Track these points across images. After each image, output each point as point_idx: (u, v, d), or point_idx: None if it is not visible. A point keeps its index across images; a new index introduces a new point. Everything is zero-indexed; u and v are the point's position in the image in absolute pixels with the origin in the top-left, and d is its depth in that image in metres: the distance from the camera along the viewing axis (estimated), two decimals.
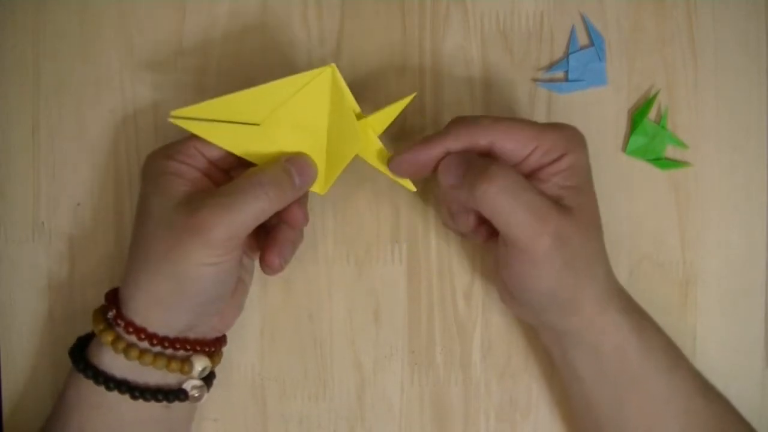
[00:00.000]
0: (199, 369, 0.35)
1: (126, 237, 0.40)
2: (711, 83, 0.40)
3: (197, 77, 0.41)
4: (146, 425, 0.35)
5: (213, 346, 0.36)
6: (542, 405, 0.41)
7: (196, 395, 0.36)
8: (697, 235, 0.41)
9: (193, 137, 0.35)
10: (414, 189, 0.37)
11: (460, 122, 0.35)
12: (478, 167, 0.33)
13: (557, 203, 0.33)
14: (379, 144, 0.36)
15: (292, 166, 0.35)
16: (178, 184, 0.34)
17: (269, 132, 0.35)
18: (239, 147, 0.35)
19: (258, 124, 0.35)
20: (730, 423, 0.36)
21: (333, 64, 0.35)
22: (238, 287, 0.37)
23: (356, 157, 0.36)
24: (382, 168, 0.36)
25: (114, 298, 0.35)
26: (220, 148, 0.35)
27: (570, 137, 0.35)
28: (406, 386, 0.41)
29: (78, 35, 0.41)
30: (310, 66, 0.40)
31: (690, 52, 0.40)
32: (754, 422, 0.38)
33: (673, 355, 0.36)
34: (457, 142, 0.34)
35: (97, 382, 0.34)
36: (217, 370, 0.40)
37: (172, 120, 0.34)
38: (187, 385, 0.35)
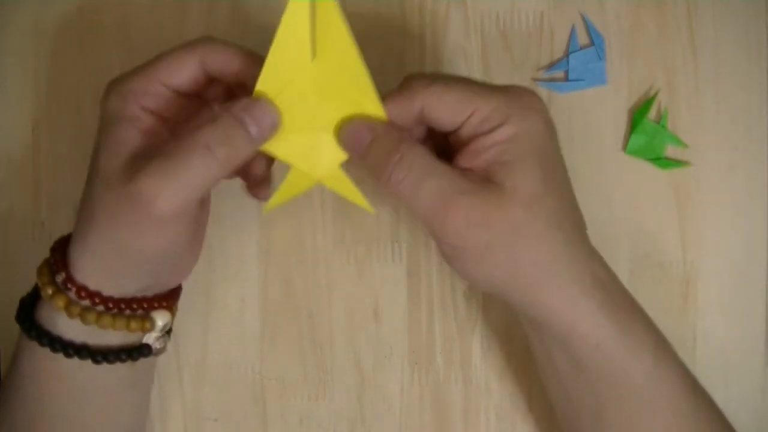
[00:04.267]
0: (161, 324, 0.33)
1: None
2: (711, 83, 0.40)
3: None
4: (111, 386, 0.33)
5: (171, 299, 0.34)
6: (542, 405, 0.41)
7: (160, 347, 0.34)
8: (697, 235, 0.41)
9: (150, 68, 0.30)
10: (372, 211, 0.33)
11: (398, 87, 0.31)
12: (381, 146, 0.30)
13: (483, 182, 0.29)
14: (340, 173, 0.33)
15: (246, 114, 0.30)
16: (129, 137, 0.30)
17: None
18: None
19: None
20: (716, 424, 0.34)
21: None
22: (194, 239, 0.33)
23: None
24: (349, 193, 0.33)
25: (62, 256, 0.32)
26: (187, 72, 0.31)
27: (514, 102, 0.30)
28: (406, 386, 0.41)
29: (78, 35, 0.41)
30: None
31: (690, 52, 0.40)
32: (755, 422, 0.38)
33: (662, 353, 0.33)
34: (393, 110, 0.31)
35: (54, 349, 0.31)
36: (217, 370, 0.41)
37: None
38: (149, 339, 0.33)
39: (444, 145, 0.33)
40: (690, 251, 0.41)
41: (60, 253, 0.32)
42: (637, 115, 0.40)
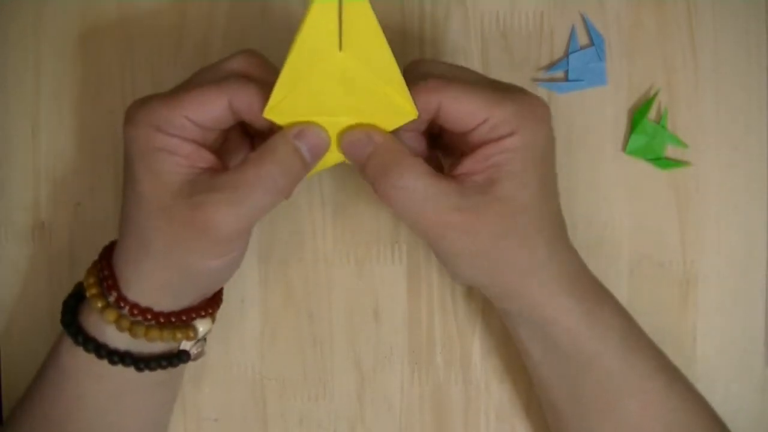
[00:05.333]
0: (202, 331, 0.34)
1: None
2: (711, 83, 0.40)
3: None
4: (146, 386, 0.34)
5: (214, 306, 0.35)
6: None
7: (197, 351, 0.35)
8: (697, 235, 0.41)
9: (175, 102, 0.30)
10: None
11: (414, 79, 0.31)
12: (380, 161, 0.31)
13: (476, 192, 0.31)
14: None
15: (302, 144, 0.31)
16: (172, 165, 0.30)
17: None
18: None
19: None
20: (690, 402, 0.35)
21: None
22: (245, 249, 0.34)
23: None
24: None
25: (110, 271, 0.33)
26: (213, 111, 0.31)
27: (526, 112, 0.31)
28: (406, 386, 0.41)
29: (78, 35, 0.41)
30: None
31: (690, 52, 0.40)
32: (755, 422, 0.38)
33: (631, 336, 0.35)
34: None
35: (99, 356, 0.32)
36: (217, 370, 0.41)
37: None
38: (187, 346, 0.35)
39: (437, 133, 0.35)
40: (690, 251, 0.41)
41: (109, 270, 0.33)
42: (637, 115, 0.40)
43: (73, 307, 0.34)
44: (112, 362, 0.32)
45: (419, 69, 0.33)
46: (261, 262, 0.41)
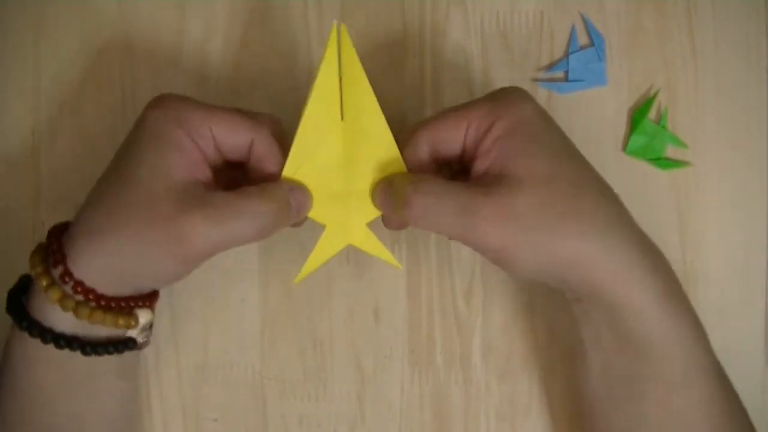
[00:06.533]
0: (143, 322, 0.34)
1: None
2: (711, 83, 0.40)
3: (197, 77, 0.41)
4: (98, 374, 0.34)
5: (153, 300, 0.35)
6: (542, 405, 0.41)
7: (143, 341, 0.35)
8: (697, 235, 0.41)
9: (209, 113, 0.32)
10: (399, 266, 0.37)
11: (404, 138, 0.34)
12: (393, 190, 0.33)
13: (498, 180, 0.31)
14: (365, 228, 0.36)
15: (294, 198, 0.33)
16: (179, 163, 0.31)
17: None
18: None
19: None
20: (737, 413, 0.34)
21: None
22: None
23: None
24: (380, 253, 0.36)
25: (59, 246, 0.32)
26: (236, 139, 0.33)
27: (500, 100, 0.32)
28: (406, 386, 0.41)
29: (78, 35, 0.41)
30: (310, 66, 0.40)
31: (690, 52, 0.40)
32: (755, 422, 0.38)
33: (697, 330, 0.34)
34: (408, 157, 0.34)
35: (45, 340, 0.32)
36: (217, 370, 0.41)
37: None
38: (133, 333, 0.34)
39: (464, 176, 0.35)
40: (690, 251, 0.41)
41: (57, 244, 0.33)
42: (637, 115, 0.40)
43: (18, 295, 0.34)
44: (59, 346, 0.32)
45: (408, 131, 0.34)
46: (261, 262, 0.41)
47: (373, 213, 0.35)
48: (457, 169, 0.36)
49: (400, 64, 0.41)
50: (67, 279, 0.32)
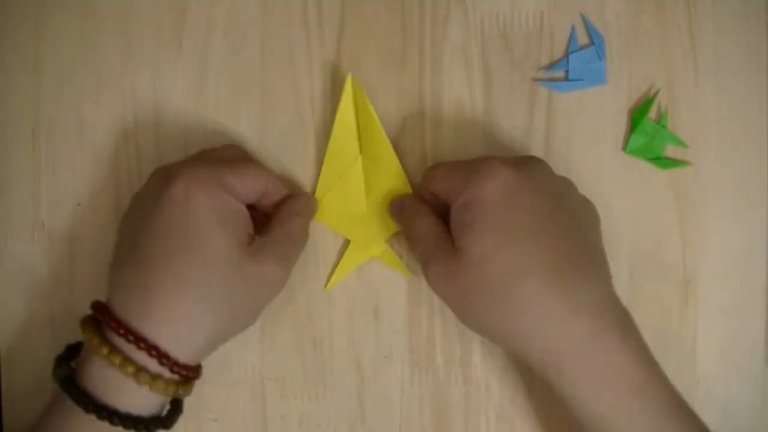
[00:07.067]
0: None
1: None
2: (711, 83, 0.40)
3: (197, 77, 0.41)
4: None
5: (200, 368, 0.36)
6: (542, 405, 0.41)
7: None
8: (697, 235, 0.41)
9: (243, 172, 0.35)
10: (412, 276, 0.41)
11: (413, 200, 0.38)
12: (405, 216, 0.38)
13: (453, 242, 0.34)
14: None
15: (306, 199, 0.39)
16: (242, 225, 0.35)
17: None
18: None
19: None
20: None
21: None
22: None
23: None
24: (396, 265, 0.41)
25: (119, 323, 0.32)
26: (261, 186, 0.37)
27: (473, 171, 0.33)
28: (406, 386, 0.41)
29: (78, 35, 0.41)
30: (310, 66, 0.41)
31: (690, 52, 0.40)
32: (755, 422, 0.38)
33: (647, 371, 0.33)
34: (420, 195, 0.38)
35: (100, 417, 0.32)
36: (217, 369, 0.41)
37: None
38: (166, 410, 0.35)
39: None
40: (690, 251, 0.41)
41: (115, 320, 0.32)
42: (637, 115, 0.40)
43: (65, 364, 0.34)
44: (113, 423, 0.32)
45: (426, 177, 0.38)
46: None
47: (391, 230, 0.40)
48: None
49: (400, 63, 0.41)
50: (153, 352, 0.32)
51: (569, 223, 0.33)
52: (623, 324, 0.33)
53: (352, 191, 0.40)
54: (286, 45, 0.41)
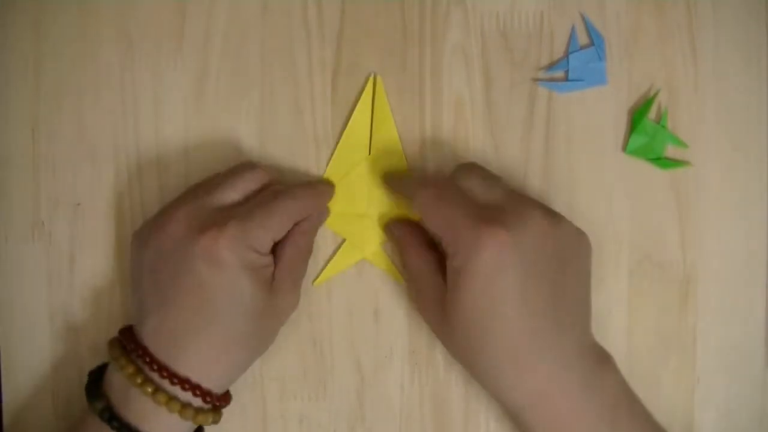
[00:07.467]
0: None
1: (126, 236, 0.40)
2: (711, 83, 0.40)
3: (197, 77, 0.41)
4: None
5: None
6: None
7: None
8: (697, 235, 0.41)
9: (269, 226, 0.36)
10: (402, 282, 0.41)
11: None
12: (397, 246, 0.40)
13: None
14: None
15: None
16: (268, 272, 0.36)
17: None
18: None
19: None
20: None
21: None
22: None
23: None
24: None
25: (151, 358, 0.35)
26: (284, 232, 0.37)
27: (467, 237, 0.33)
28: (406, 386, 0.41)
29: (78, 35, 0.41)
30: (310, 66, 0.41)
31: (690, 52, 0.40)
32: (755, 422, 0.38)
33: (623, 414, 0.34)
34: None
35: None
36: None
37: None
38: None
39: None
40: (690, 251, 0.41)
41: (147, 354, 0.35)
42: (637, 115, 0.40)
43: (94, 390, 0.36)
44: None
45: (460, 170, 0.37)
46: None
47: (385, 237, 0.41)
48: None
49: (400, 63, 0.41)
50: (187, 386, 0.34)
51: (556, 278, 0.34)
52: (588, 377, 0.34)
53: (355, 190, 0.40)
54: (286, 45, 0.41)
